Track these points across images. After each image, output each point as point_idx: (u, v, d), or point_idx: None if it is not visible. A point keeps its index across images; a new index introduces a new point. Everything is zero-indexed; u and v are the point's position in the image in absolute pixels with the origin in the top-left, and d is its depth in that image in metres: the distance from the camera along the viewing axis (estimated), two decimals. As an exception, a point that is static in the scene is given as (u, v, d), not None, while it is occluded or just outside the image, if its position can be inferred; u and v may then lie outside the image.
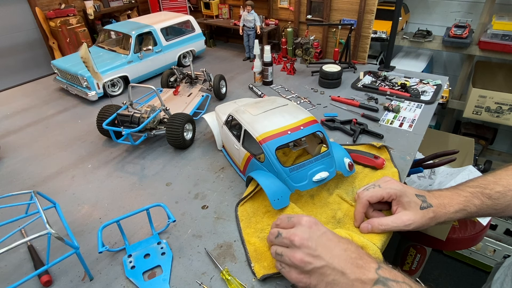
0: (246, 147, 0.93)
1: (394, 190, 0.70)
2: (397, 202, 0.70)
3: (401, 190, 0.69)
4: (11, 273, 0.77)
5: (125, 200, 0.97)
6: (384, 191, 0.71)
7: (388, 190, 0.70)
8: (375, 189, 0.72)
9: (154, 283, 0.72)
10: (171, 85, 1.52)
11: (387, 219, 0.68)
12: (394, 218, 0.68)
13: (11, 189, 1.03)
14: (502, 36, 2.07)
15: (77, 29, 2.34)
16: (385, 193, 0.70)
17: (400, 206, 0.69)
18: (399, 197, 0.69)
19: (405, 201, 0.68)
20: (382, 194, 0.71)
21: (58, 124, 1.39)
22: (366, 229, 0.70)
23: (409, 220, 0.66)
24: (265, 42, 1.93)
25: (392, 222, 0.67)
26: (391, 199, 0.71)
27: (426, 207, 0.67)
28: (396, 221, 0.67)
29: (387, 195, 0.70)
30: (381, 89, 1.51)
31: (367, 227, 0.70)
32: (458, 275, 2.20)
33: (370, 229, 0.69)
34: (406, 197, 0.69)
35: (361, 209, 0.73)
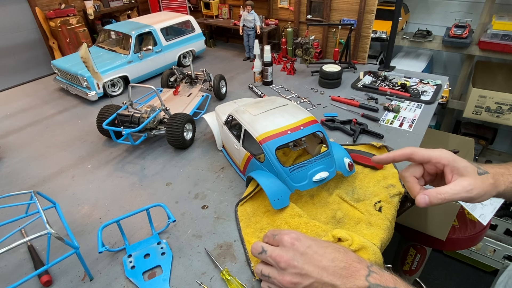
0: (246, 147, 0.93)
1: (447, 155, 0.60)
2: (451, 169, 0.60)
3: (453, 156, 0.61)
4: (11, 273, 0.77)
5: (125, 200, 0.97)
6: (435, 152, 0.61)
7: (440, 153, 0.61)
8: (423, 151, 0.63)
9: (154, 283, 0.72)
10: (171, 85, 1.52)
11: (445, 187, 0.58)
12: (453, 185, 0.58)
13: (11, 189, 1.04)
14: (502, 36, 2.07)
15: (77, 29, 2.34)
16: (437, 154, 0.61)
17: (455, 172, 0.59)
18: (453, 162, 0.59)
19: (460, 166, 0.59)
20: (432, 155, 0.61)
21: (58, 124, 1.39)
22: (424, 201, 0.58)
23: (470, 185, 0.57)
24: (265, 42, 1.93)
25: (452, 189, 0.57)
26: (441, 164, 0.61)
27: (483, 173, 0.59)
28: (456, 187, 0.57)
29: (438, 157, 0.61)
30: (381, 89, 1.51)
31: (423, 198, 0.58)
32: (458, 275, 2.20)
33: (428, 200, 0.57)
34: (461, 162, 0.60)
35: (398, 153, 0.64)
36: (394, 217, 0.85)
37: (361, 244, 0.74)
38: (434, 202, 0.57)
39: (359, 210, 0.85)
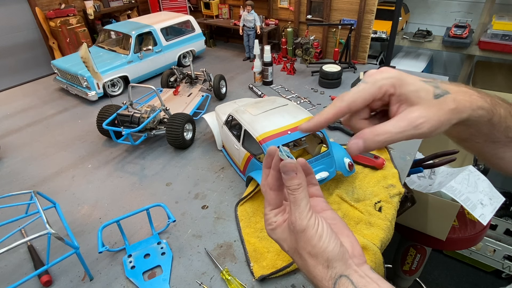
0: (246, 147, 0.93)
1: (389, 80, 0.43)
2: (398, 97, 0.43)
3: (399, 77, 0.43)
4: (11, 273, 0.77)
5: (125, 200, 0.97)
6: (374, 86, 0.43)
7: (380, 82, 0.43)
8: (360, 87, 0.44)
9: (154, 283, 0.72)
10: (171, 85, 1.52)
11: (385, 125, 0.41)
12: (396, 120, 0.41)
13: (11, 189, 1.04)
14: (502, 36, 2.07)
15: (77, 29, 2.34)
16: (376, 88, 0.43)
17: (403, 101, 0.42)
18: (399, 88, 0.42)
19: (409, 91, 0.42)
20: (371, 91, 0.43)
21: (58, 124, 1.39)
22: (356, 147, 0.41)
23: (420, 117, 0.40)
24: (265, 42, 1.93)
25: (394, 127, 0.40)
26: (387, 95, 0.43)
27: (442, 94, 0.42)
28: (400, 123, 0.40)
29: (378, 90, 0.43)
30: (381, 89, 1.51)
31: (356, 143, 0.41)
32: (458, 275, 2.20)
33: (362, 145, 0.41)
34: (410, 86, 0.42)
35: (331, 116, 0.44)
36: (394, 217, 0.85)
37: (361, 244, 0.74)
38: (371, 146, 0.41)
39: (359, 210, 0.85)
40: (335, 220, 0.49)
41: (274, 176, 0.49)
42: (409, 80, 0.43)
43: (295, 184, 0.46)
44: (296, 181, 0.46)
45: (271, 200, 0.51)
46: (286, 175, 0.46)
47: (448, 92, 0.43)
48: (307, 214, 0.45)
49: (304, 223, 0.44)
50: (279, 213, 0.51)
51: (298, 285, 0.70)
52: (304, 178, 0.47)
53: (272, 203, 0.51)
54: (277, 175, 0.49)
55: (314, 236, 0.44)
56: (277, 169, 0.48)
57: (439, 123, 0.41)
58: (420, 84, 0.43)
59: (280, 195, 0.51)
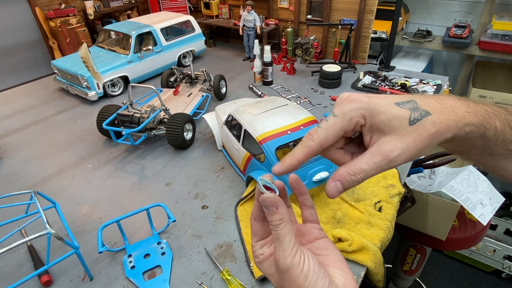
0: (246, 147, 0.93)
1: (358, 111, 0.39)
2: (369, 128, 0.40)
3: (369, 107, 0.39)
4: (11, 273, 0.77)
5: (125, 200, 0.97)
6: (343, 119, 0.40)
7: (349, 114, 0.39)
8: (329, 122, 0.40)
9: (154, 283, 0.72)
10: (171, 85, 1.52)
11: (358, 162, 0.39)
12: (369, 155, 0.39)
13: (11, 189, 1.04)
14: (502, 36, 2.07)
15: (77, 29, 2.34)
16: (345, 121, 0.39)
17: (375, 132, 0.39)
18: (370, 118, 0.39)
19: (381, 121, 0.39)
20: (341, 125, 0.40)
21: (58, 124, 1.39)
22: (336, 190, 0.39)
23: (394, 150, 0.38)
24: (265, 42, 1.93)
25: (368, 164, 0.38)
26: (358, 126, 0.40)
27: (419, 118, 0.38)
28: (373, 158, 0.38)
29: (348, 123, 0.39)
30: (381, 89, 1.51)
31: (335, 186, 0.39)
32: (458, 275, 2.20)
33: (341, 187, 0.39)
34: (382, 115, 0.39)
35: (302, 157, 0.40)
36: (394, 217, 0.85)
37: (361, 244, 0.74)
38: (349, 187, 0.39)
39: (359, 210, 0.85)
40: (327, 251, 0.45)
41: (257, 207, 0.47)
42: (381, 108, 0.39)
43: (276, 220, 0.43)
44: (277, 216, 0.43)
45: (256, 231, 0.48)
46: (266, 210, 0.43)
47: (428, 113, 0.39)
48: (291, 252, 0.42)
49: (288, 262, 0.41)
50: (265, 244, 0.48)
51: (298, 285, 0.70)
52: (286, 212, 0.43)
53: (257, 234, 0.48)
54: (260, 206, 0.46)
55: (299, 275, 0.41)
56: None
57: (417, 151, 0.39)
58: (393, 111, 0.39)
59: (266, 226, 0.48)
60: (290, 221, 0.43)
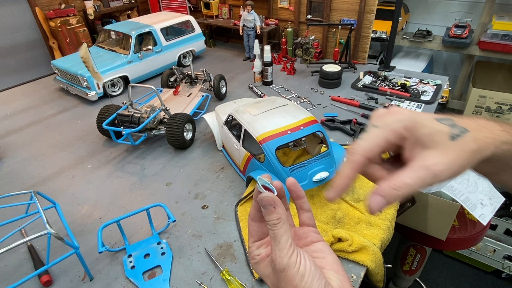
0: (246, 147, 0.93)
1: (402, 122, 0.40)
2: (412, 142, 0.40)
3: (412, 119, 0.40)
4: (11, 273, 0.77)
5: (125, 200, 0.97)
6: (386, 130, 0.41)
7: (392, 126, 0.40)
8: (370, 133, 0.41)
9: (154, 283, 0.72)
10: (171, 85, 1.52)
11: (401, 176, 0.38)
12: (412, 170, 0.38)
13: (11, 189, 1.04)
14: (502, 36, 2.07)
15: (77, 29, 2.34)
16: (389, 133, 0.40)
17: (417, 145, 0.40)
18: (413, 131, 0.40)
19: (423, 134, 0.39)
20: (385, 137, 0.40)
21: (58, 124, 1.39)
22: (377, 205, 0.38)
23: (437, 164, 0.37)
24: (265, 42, 1.93)
25: (412, 178, 0.38)
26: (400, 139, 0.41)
27: (459, 134, 0.38)
28: (417, 173, 0.38)
29: (393, 135, 0.40)
30: (381, 89, 1.51)
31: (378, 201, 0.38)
32: (458, 275, 2.20)
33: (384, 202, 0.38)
34: (424, 128, 0.40)
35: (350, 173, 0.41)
36: (394, 217, 0.85)
37: (361, 244, 0.74)
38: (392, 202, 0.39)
39: (359, 210, 0.85)
40: (324, 254, 0.45)
41: (255, 207, 0.47)
42: (423, 121, 0.40)
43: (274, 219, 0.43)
44: (274, 215, 0.43)
45: (253, 231, 0.48)
46: (264, 209, 0.43)
47: (467, 130, 0.39)
48: (287, 251, 0.42)
49: (285, 262, 0.41)
50: (261, 245, 0.48)
51: (298, 285, 0.70)
52: (284, 212, 0.44)
53: (254, 235, 0.48)
54: (258, 206, 0.46)
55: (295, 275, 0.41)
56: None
57: (460, 167, 0.38)
58: (435, 125, 0.39)
59: (263, 227, 0.48)
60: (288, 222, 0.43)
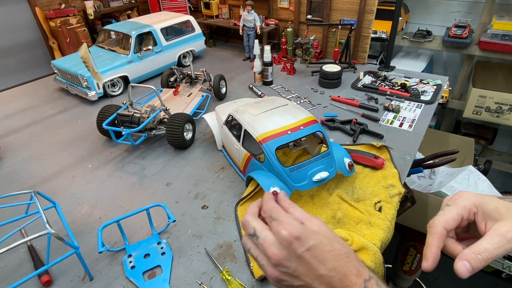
0: (246, 147, 0.93)
1: (470, 201, 0.51)
2: (482, 216, 0.51)
3: (478, 198, 0.52)
4: (11, 273, 0.77)
5: (125, 200, 0.97)
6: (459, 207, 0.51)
7: (463, 203, 0.51)
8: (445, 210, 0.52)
9: (154, 283, 0.72)
10: (171, 85, 1.52)
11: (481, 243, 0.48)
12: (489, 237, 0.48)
13: (11, 189, 1.03)
14: (502, 36, 2.07)
15: (77, 29, 2.34)
16: (462, 209, 0.51)
17: (488, 219, 0.50)
18: (481, 207, 0.51)
19: (491, 209, 0.50)
20: (459, 212, 0.51)
21: (58, 124, 1.39)
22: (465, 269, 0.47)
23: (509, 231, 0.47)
24: (265, 42, 1.93)
25: (490, 244, 0.47)
26: (471, 215, 0.52)
27: None
28: (494, 239, 0.47)
29: (466, 211, 0.51)
30: (381, 89, 1.51)
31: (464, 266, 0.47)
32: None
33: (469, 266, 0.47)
34: (490, 204, 0.51)
35: (436, 243, 0.50)
36: (394, 217, 0.85)
37: (361, 244, 0.74)
38: (477, 266, 0.48)
39: (359, 210, 0.85)
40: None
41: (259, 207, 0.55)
42: (488, 199, 0.51)
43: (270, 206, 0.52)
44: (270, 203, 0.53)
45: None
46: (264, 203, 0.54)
47: None
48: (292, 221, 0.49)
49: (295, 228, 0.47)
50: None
51: (298, 285, 0.70)
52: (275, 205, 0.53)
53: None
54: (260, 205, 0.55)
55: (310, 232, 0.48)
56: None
57: None
58: (498, 202, 0.50)
59: None
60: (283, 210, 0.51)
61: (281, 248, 0.48)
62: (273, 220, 0.51)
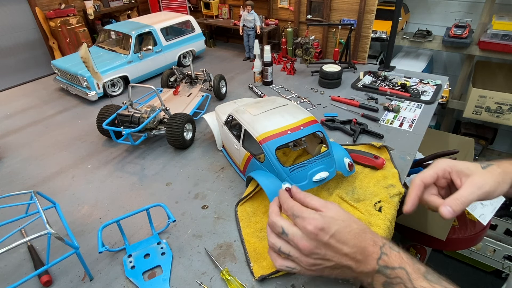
0: (246, 147, 0.93)
1: (445, 163, 0.64)
2: (457, 174, 0.62)
3: (452, 162, 0.63)
4: (11, 273, 0.77)
5: (125, 200, 0.97)
6: (435, 167, 0.64)
7: (439, 165, 0.64)
8: (425, 171, 0.65)
9: (154, 283, 0.72)
10: (171, 85, 1.52)
11: (459, 192, 0.59)
12: (465, 187, 0.59)
13: (11, 189, 1.03)
14: (502, 36, 2.07)
15: (77, 29, 2.34)
16: (438, 169, 0.64)
17: (462, 176, 0.61)
18: (454, 167, 0.62)
19: (463, 168, 0.61)
20: (435, 171, 0.64)
21: (58, 124, 1.39)
22: (448, 212, 0.58)
23: (480, 181, 0.58)
24: (265, 42, 1.93)
25: (465, 191, 0.58)
26: (447, 174, 0.63)
27: (487, 165, 0.61)
28: (468, 188, 0.58)
29: (439, 169, 0.64)
30: (381, 89, 1.51)
31: (447, 209, 0.58)
32: (458, 275, 2.20)
33: (452, 211, 0.58)
34: (462, 165, 0.62)
35: (414, 191, 0.63)
36: (394, 217, 0.85)
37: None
38: (457, 209, 0.58)
39: (359, 210, 0.85)
40: None
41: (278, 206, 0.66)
42: (459, 162, 0.63)
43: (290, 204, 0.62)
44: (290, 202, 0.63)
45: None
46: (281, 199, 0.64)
47: (492, 164, 0.61)
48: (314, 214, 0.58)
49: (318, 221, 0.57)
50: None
51: (298, 285, 0.70)
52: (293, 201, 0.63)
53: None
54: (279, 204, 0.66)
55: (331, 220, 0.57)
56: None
57: (496, 182, 0.58)
58: (467, 163, 0.62)
59: None
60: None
61: (309, 240, 0.57)
62: (296, 218, 0.59)
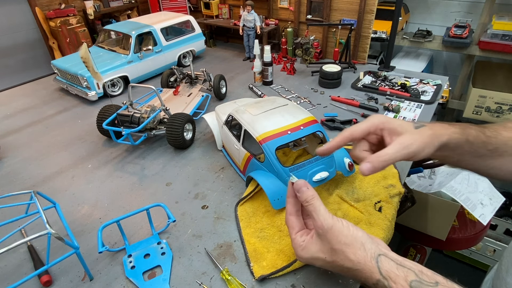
0: (246, 147, 0.93)
1: (377, 118, 0.62)
2: (388, 132, 0.61)
3: (386, 118, 0.62)
4: (11, 273, 0.77)
5: (125, 200, 0.97)
6: (368, 122, 0.63)
7: (372, 120, 0.62)
8: (358, 124, 0.64)
9: (154, 283, 0.72)
10: (171, 85, 1.52)
11: (384, 150, 0.57)
12: (391, 146, 0.57)
13: (11, 189, 1.03)
14: (502, 36, 2.07)
15: (77, 29, 2.34)
16: (370, 124, 0.62)
17: (393, 134, 0.60)
18: (387, 124, 0.61)
19: (395, 126, 0.60)
20: (367, 126, 0.62)
21: (58, 124, 1.39)
22: (368, 169, 0.56)
23: (407, 141, 0.57)
24: (265, 42, 1.93)
25: (391, 149, 0.57)
26: (378, 130, 0.62)
27: (420, 126, 0.60)
28: (394, 147, 0.57)
29: (371, 125, 0.62)
30: (381, 89, 1.51)
31: (367, 166, 0.56)
32: (458, 275, 2.20)
33: (371, 167, 0.56)
34: (395, 122, 0.61)
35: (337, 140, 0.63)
36: (394, 217, 0.85)
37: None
38: (378, 166, 0.56)
39: (359, 210, 0.85)
40: None
41: (291, 203, 0.63)
42: (392, 120, 0.61)
43: (309, 196, 0.59)
44: (309, 193, 0.59)
45: (294, 224, 0.62)
46: (299, 193, 0.60)
47: (424, 125, 0.60)
48: (329, 215, 0.57)
49: (330, 221, 0.56)
50: (303, 234, 0.61)
51: (298, 285, 0.70)
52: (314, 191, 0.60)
53: (295, 227, 0.62)
54: (294, 201, 0.63)
55: (342, 227, 0.55)
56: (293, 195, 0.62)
57: (423, 143, 0.57)
58: (401, 121, 0.61)
59: (300, 220, 0.64)
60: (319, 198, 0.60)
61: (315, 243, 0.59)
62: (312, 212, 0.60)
